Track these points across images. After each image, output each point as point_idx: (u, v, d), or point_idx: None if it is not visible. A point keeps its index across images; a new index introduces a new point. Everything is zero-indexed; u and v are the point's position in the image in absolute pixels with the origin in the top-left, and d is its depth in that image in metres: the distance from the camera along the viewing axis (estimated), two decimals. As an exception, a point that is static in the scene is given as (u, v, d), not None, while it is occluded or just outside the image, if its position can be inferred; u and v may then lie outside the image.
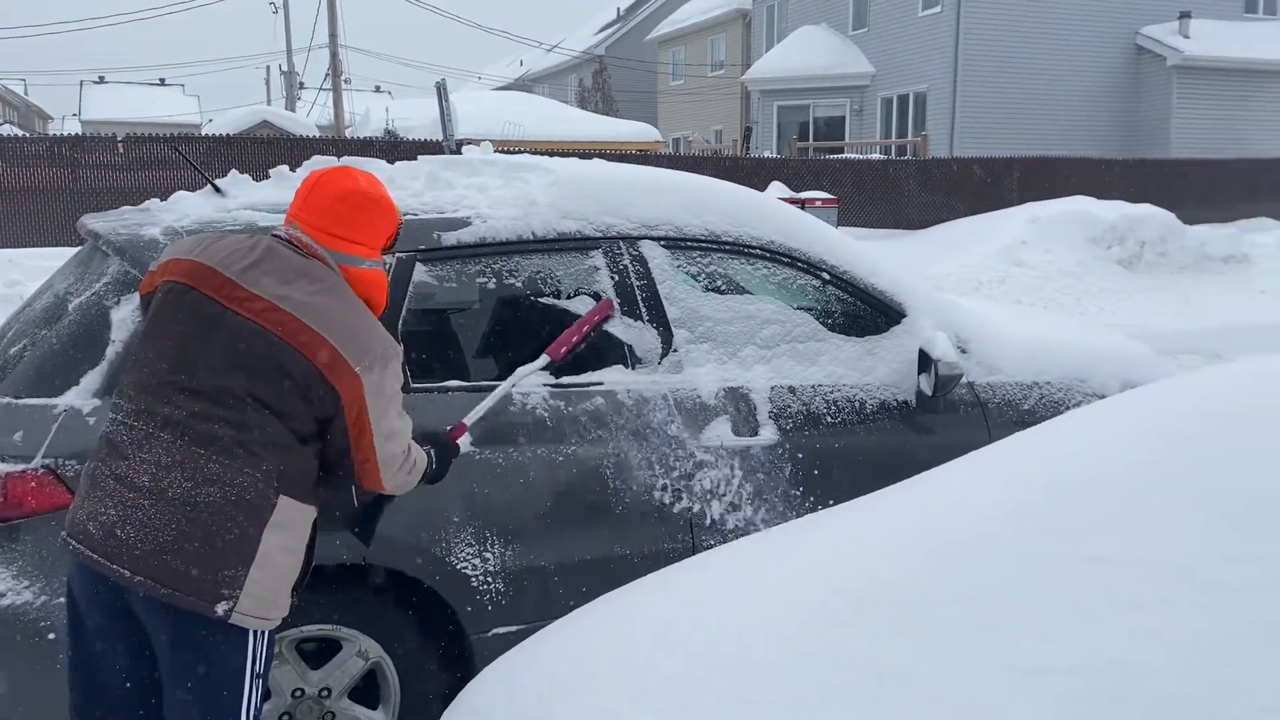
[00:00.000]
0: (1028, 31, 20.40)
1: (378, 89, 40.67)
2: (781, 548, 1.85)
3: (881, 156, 19.30)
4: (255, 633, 1.93)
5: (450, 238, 2.75)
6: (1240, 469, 1.40)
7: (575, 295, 2.92)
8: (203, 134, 18.41)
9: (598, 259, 2.89)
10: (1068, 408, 3.19)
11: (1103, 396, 3.16)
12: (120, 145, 13.28)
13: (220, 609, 1.85)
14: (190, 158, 3.40)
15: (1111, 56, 21.18)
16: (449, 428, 2.47)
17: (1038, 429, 1.89)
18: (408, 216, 2.74)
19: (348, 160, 2.92)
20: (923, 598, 1.40)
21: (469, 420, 2.51)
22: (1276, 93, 21.14)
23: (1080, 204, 13.90)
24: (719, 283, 3.13)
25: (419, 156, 3.26)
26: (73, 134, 14.78)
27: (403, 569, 2.53)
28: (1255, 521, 1.28)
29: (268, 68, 44.94)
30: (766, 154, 21.01)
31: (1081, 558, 1.30)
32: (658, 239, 2.96)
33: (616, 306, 2.84)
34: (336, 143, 15.44)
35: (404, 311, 2.64)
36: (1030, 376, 3.28)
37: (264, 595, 1.90)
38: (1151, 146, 20.48)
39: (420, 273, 2.70)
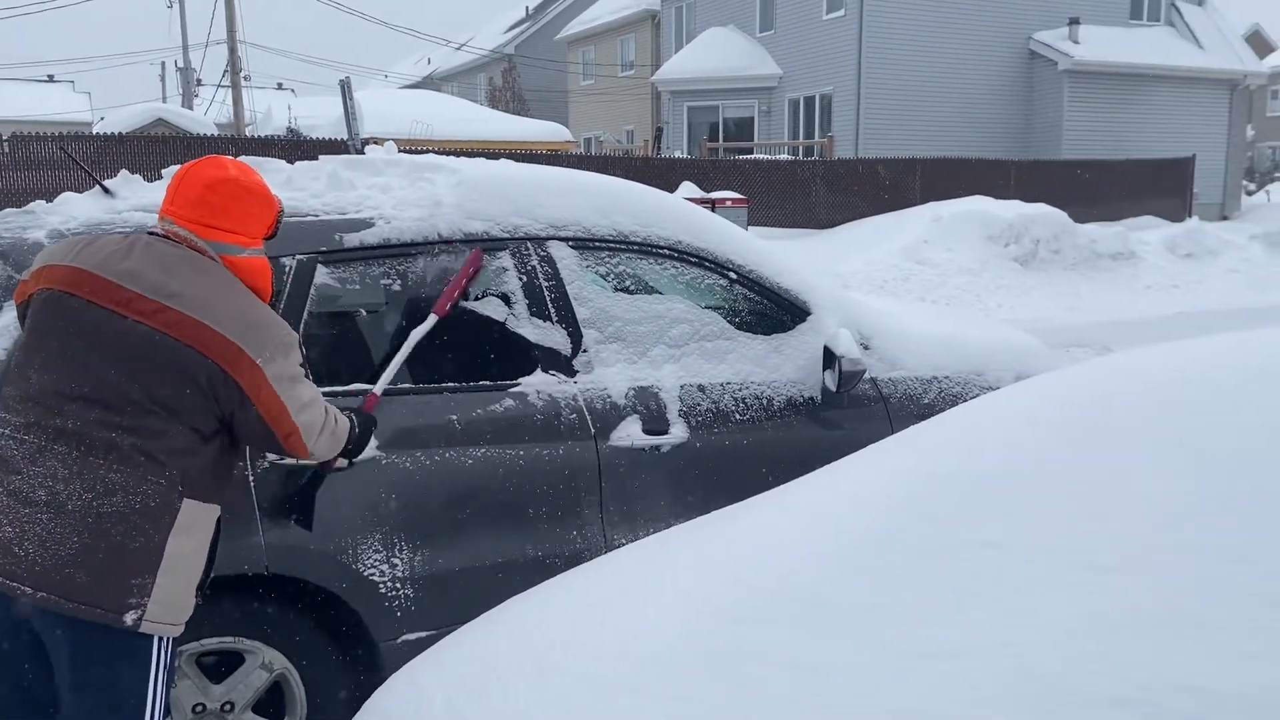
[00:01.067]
0: (928, 36, 20.98)
1: (280, 86, 39.57)
2: (690, 544, 1.87)
3: (789, 157, 19.61)
4: (159, 640, 1.90)
5: (353, 239, 2.70)
6: (1120, 457, 1.47)
7: (483, 296, 2.90)
8: (94, 132, 17.68)
9: (505, 260, 2.88)
10: (965, 400, 3.29)
11: (998, 389, 3.28)
12: (5, 145, 12.67)
13: (129, 619, 1.83)
14: (78, 157, 3.27)
15: (1007, 61, 21.94)
16: (362, 399, 2.55)
17: (932, 422, 1.96)
18: (309, 218, 2.69)
19: (246, 159, 2.86)
20: (826, 589, 1.44)
21: (378, 389, 2.57)
22: (1160, 96, 22.19)
23: (979, 204, 14.39)
24: (628, 283, 3.14)
25: (320, 156, 3.20)
26: (-48, 133, 14.03)
27: (307, 577, 2.47)
28: (1133, 506, 1.35)
29: (163, 64, 43.33)
30: (678, 154, 21.15)
31: (972, 544, 1.36)
32: (566, 239, 2.96)
33: (484, 256, 2.84)
34: (236, 141, 15.00)
35: (305, 315, 2.59)
36: (930, 371, 3.38)
37: (171, 600, 1.89)
38: (1045, 148, 21.29)
39: (322, 275, 2.65)
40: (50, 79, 46.18)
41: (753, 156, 19.18)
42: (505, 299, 2.87)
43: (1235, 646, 1.09)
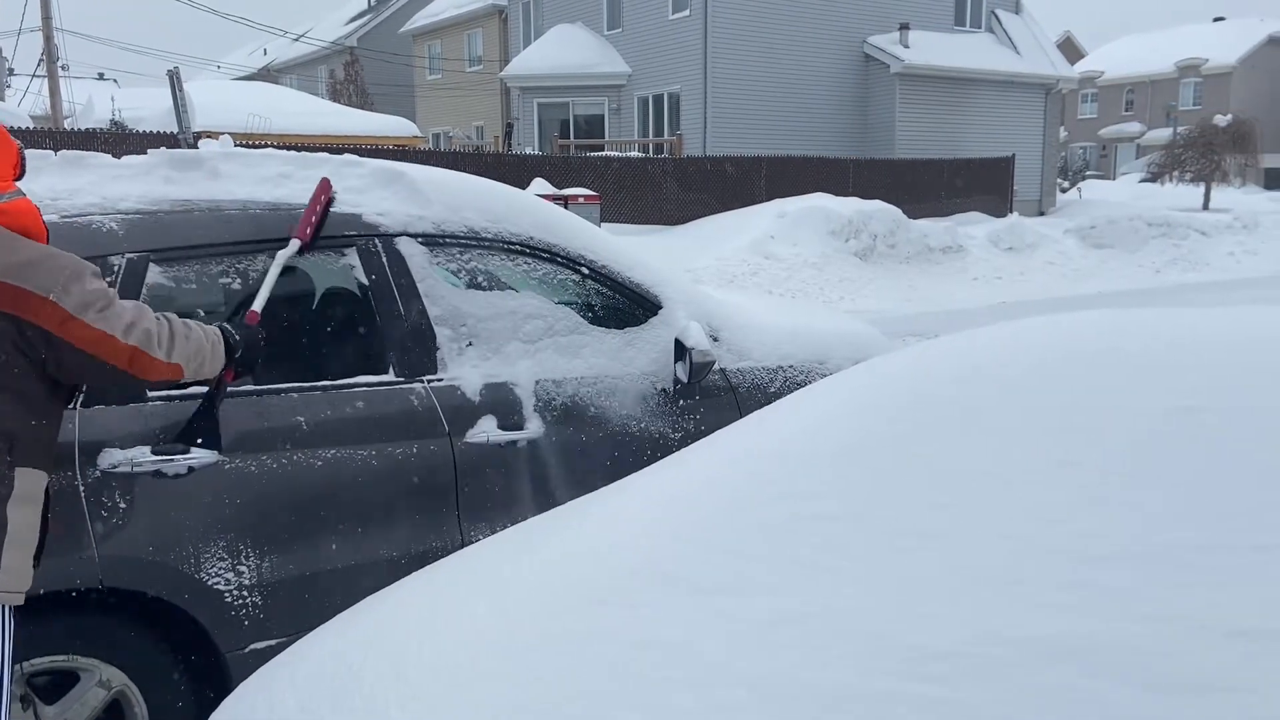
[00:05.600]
0: (770, 38, 21.63)
1: (101, 76, 37.25)
2: (546, 532, 1.89)
3: (640, 154, 19.85)
4: (4, 609, 1.89)
5: (189, 236, 2.59)
6: (944, 433, 1.58)
7: (330, 294, 2.83)
8: (-114, 123, 16.13)
9: (352, 257, 2.82)
10: (809, 388, 3.44)
11: (839, 376, 3.43)
12: None
13: None
14: None
15: (845, 63, 22.86)
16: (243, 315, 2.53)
17: (774, 406, 2.05)
18: (136, 215, 2.57)
19: (66, 154, 2.71)
20: (678, 567, 1.49)
21: (256, 307, 2.55)
22: (983, 99, 23.60)
23: (821, 200, 14.98)
24: (480, 279, 3.13)
25: (149, 151, 3.05)
26: None
27: (144, 589, 2.37)
28: (954, 476, 1.46)
29: (-33, 51, 39.95)
30: (529, 151, 21.06)
31: (812, 517, 1.44)
32: (415, 236, 2.92)
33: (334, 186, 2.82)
34: (54, 134, 14.03)
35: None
36: (776, 361, 3.51)
37: (17, 569, 1.89)
38: (880, 147, 22.31)
39: (155, 274, 2.53)
40: None
41: (604, 154, 19.31)
42: (354, 297, 2.82)
43: (1046, 599, 1.20)
